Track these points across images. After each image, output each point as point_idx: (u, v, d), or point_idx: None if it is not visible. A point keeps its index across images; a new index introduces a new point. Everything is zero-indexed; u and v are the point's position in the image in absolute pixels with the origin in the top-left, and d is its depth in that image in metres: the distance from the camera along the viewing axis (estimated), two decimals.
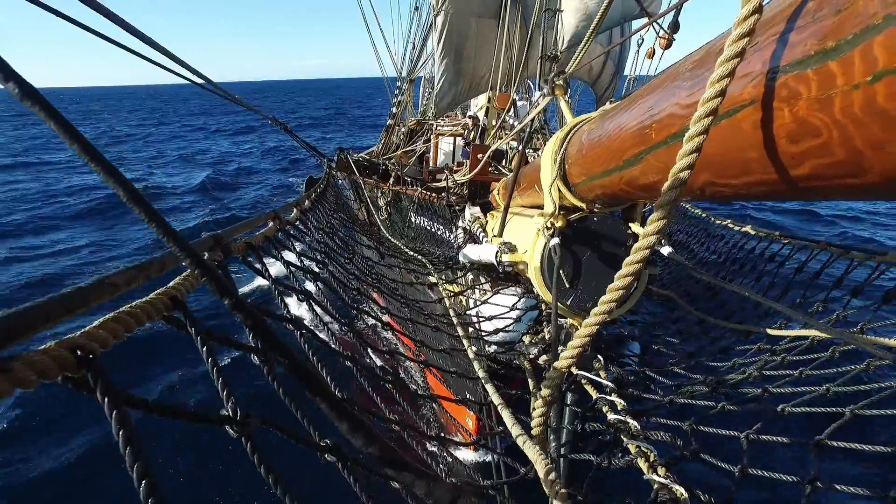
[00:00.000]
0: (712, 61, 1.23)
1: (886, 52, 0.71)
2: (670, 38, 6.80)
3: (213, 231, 1.20)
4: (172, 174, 29.25)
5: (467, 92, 11.12)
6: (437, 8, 10.29)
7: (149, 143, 45.56)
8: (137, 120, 72.48)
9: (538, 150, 7.76)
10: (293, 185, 25.19)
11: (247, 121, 58.80)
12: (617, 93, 15.50)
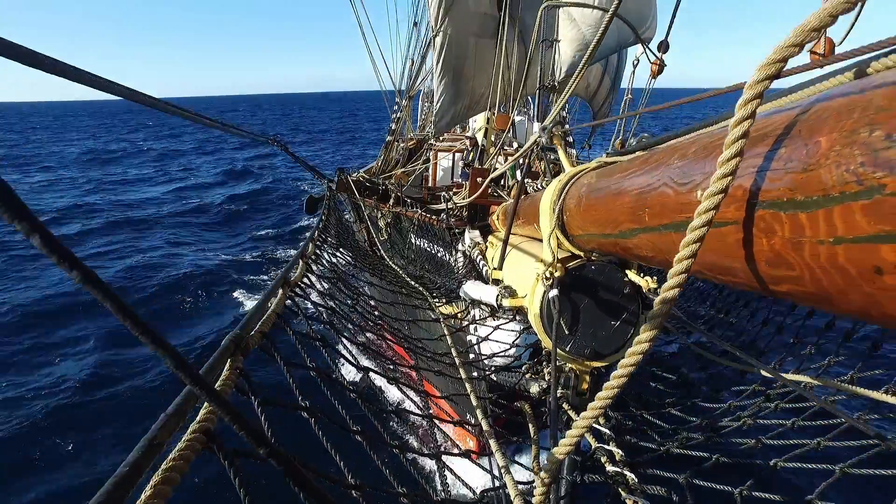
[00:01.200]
0: (702, 161, 1.32)
1: (843, 223, 0.79)
2: (661, 64, 6.95)
3: (231, 330, 1.28)
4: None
5: (466, 111, 11.22)
6: (436, 28, 10.41)
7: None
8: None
9: (538, 177, 7.84)
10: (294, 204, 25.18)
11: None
12: (615, 107, 15.65)
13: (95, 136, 63.76)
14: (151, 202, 26.62)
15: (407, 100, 16.30)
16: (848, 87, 0.92)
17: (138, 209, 24.88)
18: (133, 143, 60.79)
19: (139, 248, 18.43)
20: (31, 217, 0.64)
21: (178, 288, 14.60)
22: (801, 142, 0.90)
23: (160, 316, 12.83)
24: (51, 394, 9.78)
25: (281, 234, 21.48)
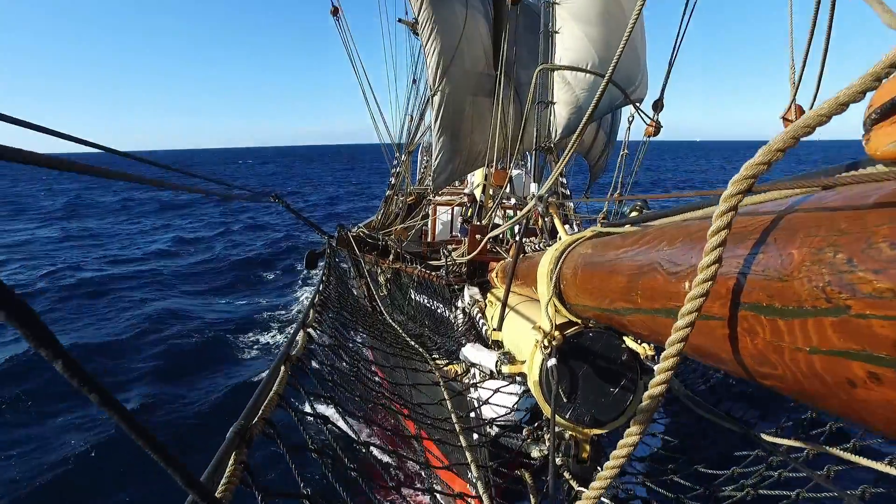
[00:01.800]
0: (688, 252, 1.38)
1: (817, 335, 0.84)
2: (658, 126, 7.13)
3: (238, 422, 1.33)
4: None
5: (464, 167, 11.43)
6: (434, 88, 10.70)
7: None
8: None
9: (536, 234, 7.94)
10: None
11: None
12: (612, 160, 15.92)
13: (78, 196, 63.89)
14: (146, 257, 26.67)
15: (406, 155, 16.63)
16: (815, 200, 0.99)
17: (134, 264, 24.91)
18: (117, 192, 61.27)
19: (139, 304, 18.39)
20: (55, 343, 0.69)
21: (180, 348, 14.52)
22: (777, 251, 0.96)
23: (166, 377, 12.73)
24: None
25: (283, 288, 21.51)
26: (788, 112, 3.83)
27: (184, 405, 11.18)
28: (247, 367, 13.47)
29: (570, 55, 8.20)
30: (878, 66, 0.91)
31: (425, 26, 10.35)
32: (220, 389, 11.93)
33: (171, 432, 10.03)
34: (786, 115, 3.85)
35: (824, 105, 0.94)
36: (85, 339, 14.90)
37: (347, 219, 30.54)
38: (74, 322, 16.63)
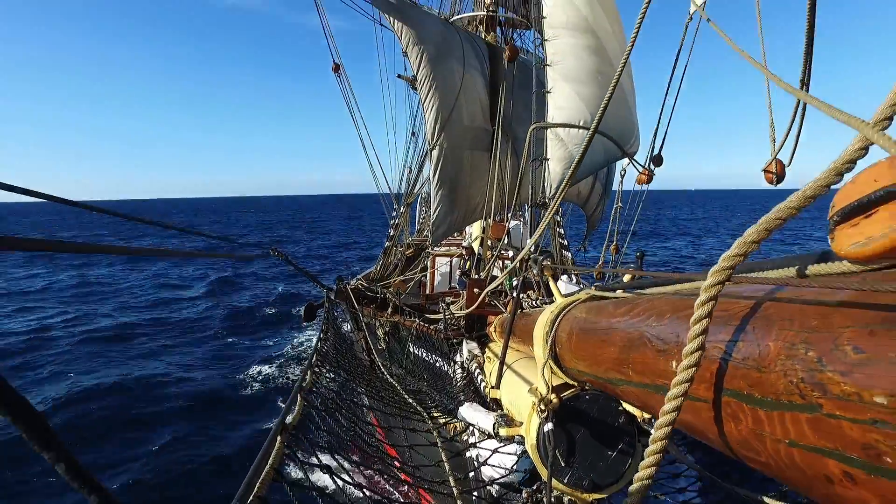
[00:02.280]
0: (675, 329, 1.42)
1: (795, 429, 0.87)
2: (650, 174, 7.27)
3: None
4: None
5: (463, 220, 11.58)
6: (433, 143, 10.92)
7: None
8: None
9: (532, 288, 7.98)
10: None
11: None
12: (608, 211, 16.11)
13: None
14: (132, 311, 26.44)
15: (405, 207, 16.81)
16: (790, 291, 1.03)
17: (123, 317, 24.76)
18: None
19: (125, 363, 18.10)
20: (59, 446, 0.71)
21: (173, 410, 14.29)
22: (755, 341, 1.00)
23: (154, 433, 12.54)
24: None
25: (281, 340, 21.37)
26: (769, 166, 3.95)
27: (176, 465, 10.96)
28: (244, 424, 13.27)
29: (562, 113, 8.43)
30: (839, 161, 0.97)
31: (424, 84, 10.64)
32: (211, 452, 11.72)
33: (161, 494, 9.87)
34: (767, 168, 3.96)
35: (793, 198, 0.99)
36: (91, 382, 14.77)
37: (347, 269, 30.55)
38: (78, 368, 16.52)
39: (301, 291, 29.46)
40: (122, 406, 13.73)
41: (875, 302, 0.79)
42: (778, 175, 3.99)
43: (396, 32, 10.90)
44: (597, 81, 8.65)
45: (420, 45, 10.71)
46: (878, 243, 0.81)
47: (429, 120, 10.88)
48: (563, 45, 8.81)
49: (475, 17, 16.03)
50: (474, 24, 15.92)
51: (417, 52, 10.66)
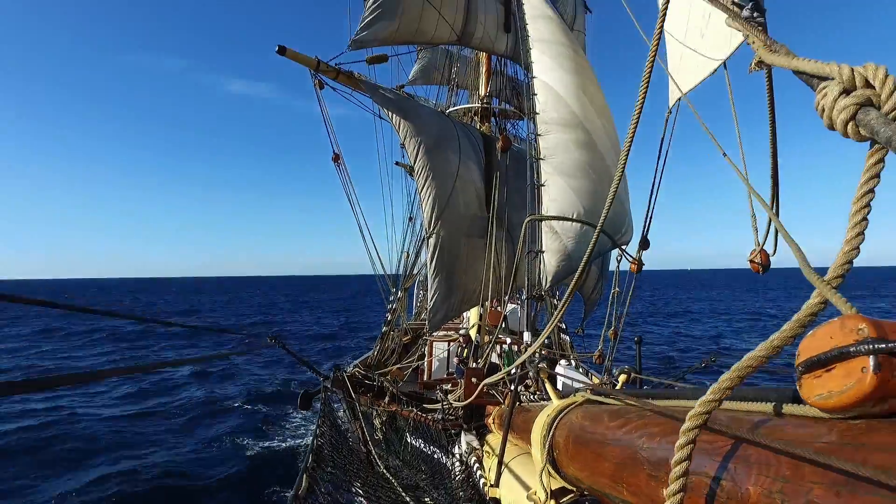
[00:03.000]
0: (664, 454, 1.46)
1: None
2: (640, 264, 7.42)
3: None
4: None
5: (460, 306, 11.63)
6: (430, 231, 11.14)
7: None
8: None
9: (529, 387, 7.97)
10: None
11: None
12: (605, 293, 16.21)
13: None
14: (109, 405, 25.66)
15: (402, 291, 16.89)
16: (767, 433, 1.09)
17: (99, 411, 24.14)
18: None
19: (111, 451, 17.52)
20: None
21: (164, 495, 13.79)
22: (735, 483, 1.05)
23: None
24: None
25: (277, 430, 20.82)
26: (753, 255, 4.08)
27: None
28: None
29: (556, 206, 8.68)
30: (802, 314, 1.06)
31: (421, 174, 10.99)
32: None
33: None
34: (752, 258, 4.09)
35: (761, 347, 1.07)
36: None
37: (345, 353, 30.21)
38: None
39: (300, 378, 28.97)
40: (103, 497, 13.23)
41: (840, 465, 0.85)
42: (763, 265, 4.12)
43: (394, 125, 11.36)
44: (588, 175, 8.97)
45: (417, 137, 11.15)
46: (838, 399, 0.88)
47: (426, 208, 11.15)
48: (555, 139, 9.20)
49: (470, 109, 16.75)
50: (469, 115, 16.62)
51: (415, 144, 11.08)
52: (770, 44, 1.60)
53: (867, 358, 0.85)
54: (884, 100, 1.08)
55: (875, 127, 1.05)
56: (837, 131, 1.15)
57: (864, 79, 1.12)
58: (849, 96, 1.13)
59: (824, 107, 1.17)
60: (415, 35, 12.39)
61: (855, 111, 1.10)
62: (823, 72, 1.20)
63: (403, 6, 11.69)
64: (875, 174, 1.11)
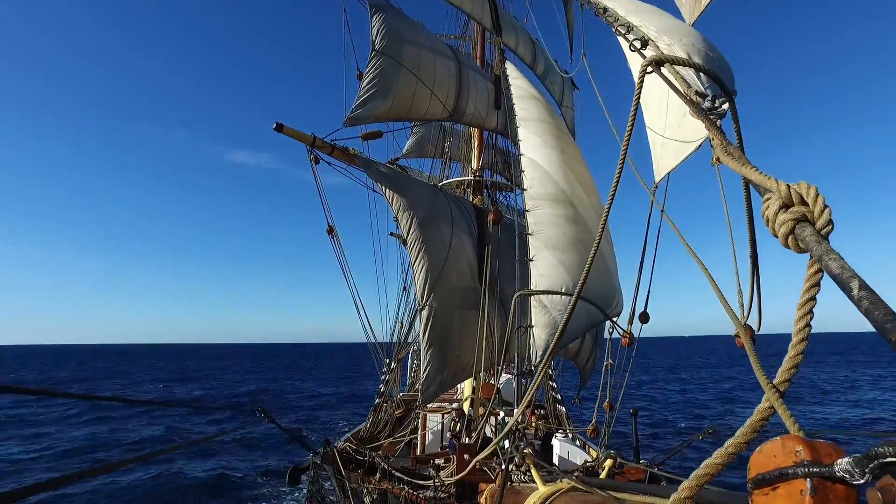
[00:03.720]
0: None
1: None
2: (632, 338, 7.42)
3: None
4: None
5: (453, 379, 11.52)
6: (423, 303, 11.17)
7: None
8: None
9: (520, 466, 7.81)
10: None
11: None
12: (599, 363, 16.08)
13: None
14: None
15: (396, 362, 16.72)
16: None
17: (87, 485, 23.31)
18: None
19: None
20: None
21: None
22: None
23: None
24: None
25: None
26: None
27: None
28: None
29: (545, 280, 8.77)
30: (754, 419, 1.11)
31: (414, 247, 11.13)
32: None
33: None
34: (737, 334, 4.13)
35: (717, 454, 1.12)
36: None
37: (337, 424, 29.55)
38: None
39: (291, 451, 28.15)
40: None
41: None
42: (751, 338, 4.16)
43: (388, 199, 11.59)
44: (576, 249, 9.11)
45: (410, 210, 11.36)
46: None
47: (418, 281, 11.22)
48: (543, 215, 9.39)
49: (463, 181, 17.10)
50: (462, 187, 16.95)
51: (408, 218, 11.27)
52: (725, 145, 1.71)
53: (804, 481, 0.89)
54: (816, 216, 1.17)
55: (809, 243, 1.13)
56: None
57: (800, 195, 1.21)
58: (787, 212, 1.21)
59: (768, 217, 1.26)
60: (408, 112, 12.82)
61: (793, 226, 1.19)
62: (766, 185, 1.30)
63: (397, 85, 12.14)
64: (815, 283, 1.19)
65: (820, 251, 1.10)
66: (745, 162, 1.51)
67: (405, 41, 12.44)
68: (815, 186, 1.20)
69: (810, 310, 1.18)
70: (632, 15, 3.60)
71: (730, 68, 3.32)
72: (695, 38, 3.24)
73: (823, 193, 1.19)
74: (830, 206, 1.18)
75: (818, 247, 1.11)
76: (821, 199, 1.18)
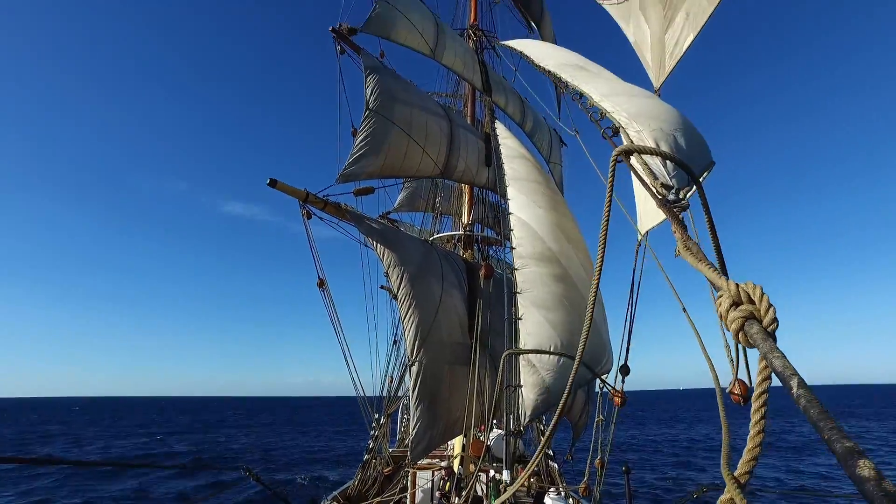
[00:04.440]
0: None
1: None
2: (624, 397, 7.44)
3: None
4: None
5: (443, 436, 11.39)
6: (413, 358, 11.14)
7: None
8: None
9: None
10: None
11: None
12: (592, 417, 15.93)
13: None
14: None
15: (385, 417, 16.50)
16: None
17: None
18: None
19: None
20: None
21: None
22: None
23: None
24: None
25: None
26: (733, 387, 4.18)
27: None
28: None
29: (533, 339, 8.83)
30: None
31: (404, 302, 11.18)
32: None
33: None
34: (731, 390, 4.19)
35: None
36: None
37: (325, 480, 28.83)
38: None
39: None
40: None
41: None
42: (743, 396, 4.21)
43: (379, 254, 11.70)
44: (564, 307, 9.21)
45: (401, 266, 11.46)
46: None
47: (408, 336, 11.22)
48: (531, 273, 9.53)
49: (454, 236, 17.32)
50: (453, 241, 17.16)
51: (398, 273, 11.36)
52: (685, 240, 1.83)
53: None
54: (762, 315, 1.28)
55: (756, 341, 1.24)
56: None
57: (748, 294, 1.32)
58: (737, 309, 1.32)
59: (720, 314, 1.37)
60: (400, 169, 13.08)
61: (742, 323, 1.29)
62: (717, 283, 1.41)
63: (389, 143, 12.43)
64: (766, 376, 1.28)
65: (765, 348, 1.20)
66: (701, 258, 1.63)
67: (398, 101, 12.80)
68: (761, 287, 1.31)
69: (765, 402, 1.27)
70: (606, 100, 3.79)
71: (703, 145, 3.49)
72: (665, 123, 3.42)
73: (768, 293, 1.30)
74: (775, 304, 1.29)
75: (764, 344, 1.21)
76: (766, 299, 1.28)
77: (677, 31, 5.83)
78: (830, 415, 0.98)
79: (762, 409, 1.27)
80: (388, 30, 13.57)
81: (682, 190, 2.52)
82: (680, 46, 5.77)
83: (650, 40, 6.40)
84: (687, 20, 5.65)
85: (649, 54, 6.45)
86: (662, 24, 6.09)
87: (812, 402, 1.03)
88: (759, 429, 1.25)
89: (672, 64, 5.92)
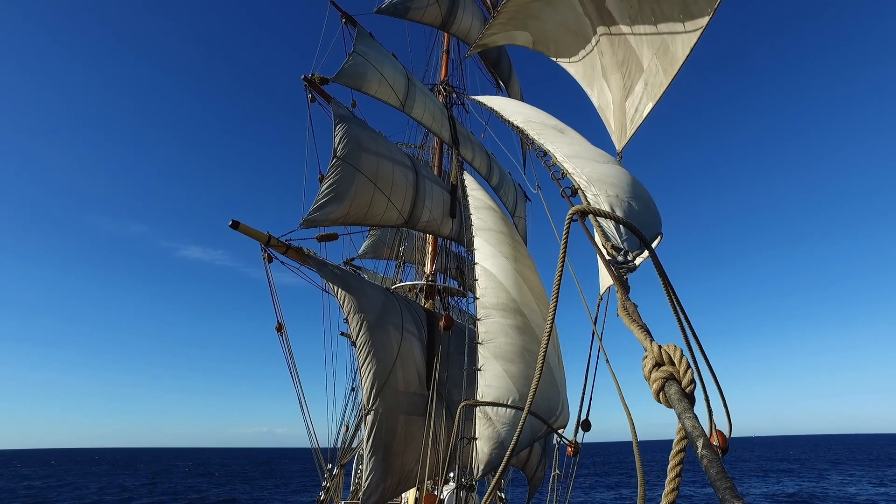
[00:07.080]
0: None
1: None
2: (577, 448, 7.46)
3: None
4: None
5: (396, 489, 11.15)
6: (368, 408, 10.97)
7: None
8: None
9: None
10: None
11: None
12: (548, 472, 15.78)
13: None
14: None
15: (339, 468, 16.08)
16: None
17: None
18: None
19: None
20: None
21: None
22: None
23: None
24: None
25: None
26: (711, 438, 4.25)
27: None
28: None
29: (491, 391, 8.84)
30: None
31: (362, 350, 11.07)
32: None
33: None
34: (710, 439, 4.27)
35: None
36: None
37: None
38: None
39: None
40: None
41: None
42: (722, 448, 4.29)
43: (339, 300, 11.63)
44: (524, 359, 9.27)
45: (360, 313, 11.40)
46: None
47: (365, 385, 11.08)
48: (493, 324, 9.61)
49: (416, 286, 17.34)
50: (415, 291, 17.16)
51: (358, 320, 11.29)
52: (623, 301, 1.94)
53: None
54: (681, 376, 1.36)
55: (672, 401, 1.32)
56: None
57: (669, 356, 1.41)
58: (658, 370, 1.41)
59: (644, 374, 1.45)
60: (365, 217, 13.17)
61: (662, 384, 1.38)
62: (644, 344, 1.50)
63: (355, 191, 12.55)
64: (684, 436, 1.36)
65: (679, 409, 1.28)
66: (635, 318, 1.73)
67: (365, 150, 13.00)
68: (681, 349, 1.41)
69: (681, 460, 1.34)
70: (568, 161, 3.98)
71: (656, 215, 3.67)
72: (622, 189, 3.60)
73: (687, 356, 1.39)
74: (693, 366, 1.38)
75: (678, 405, 1.29)
76: (685, 361, 1.37)
77: (636, 100, 6.15)
78: (728, 475, 1.06)
79: (678, 467, 1.34)
80: (359, 82, 13.88)
81: (633, 253, 2.65)
82: (640, 114, 6.07)
83: (612, 106, 6.72)
84: (645, 90, 5.97)
85: (612, 119, 6.76)
86: (623, 91, 6.42)
87: (713, 462, 1.11)
88: (674, 486, 1.32)
89: (633, 129, 6.22)
